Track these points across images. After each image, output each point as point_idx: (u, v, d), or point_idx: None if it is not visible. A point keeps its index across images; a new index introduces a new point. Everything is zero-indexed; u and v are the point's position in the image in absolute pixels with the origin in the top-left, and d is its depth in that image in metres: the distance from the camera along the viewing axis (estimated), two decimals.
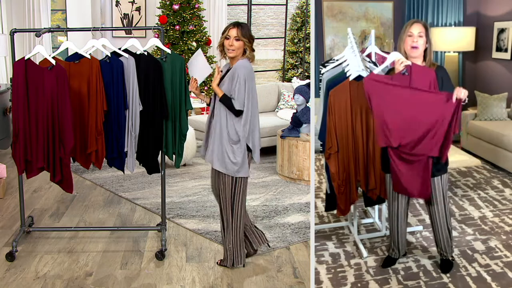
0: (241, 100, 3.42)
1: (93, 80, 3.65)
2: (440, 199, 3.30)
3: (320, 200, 4.36)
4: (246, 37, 3.43)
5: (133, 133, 3.77)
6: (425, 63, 3.23)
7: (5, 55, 7.04)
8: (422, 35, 3.18)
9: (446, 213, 3.33)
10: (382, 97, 3.15)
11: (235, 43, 3.41)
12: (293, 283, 3.53)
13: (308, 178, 5.56)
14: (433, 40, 3.23)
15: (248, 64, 3.48)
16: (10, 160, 5.98)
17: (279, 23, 12.05)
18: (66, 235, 4.22)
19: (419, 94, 3.11)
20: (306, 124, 5.75)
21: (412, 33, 3.19)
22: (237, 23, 3.45)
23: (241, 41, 3.42)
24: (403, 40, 3.23)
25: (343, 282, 3.33)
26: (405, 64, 3.16)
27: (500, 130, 5.22)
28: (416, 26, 3.19)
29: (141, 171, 5.49)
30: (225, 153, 3.49)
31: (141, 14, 8.54)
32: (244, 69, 3.44)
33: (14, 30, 3.86)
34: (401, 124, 3.13)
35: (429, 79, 3.15)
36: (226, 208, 3.59)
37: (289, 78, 9.81)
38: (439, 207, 3.31)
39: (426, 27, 3.19)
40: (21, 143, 3.67)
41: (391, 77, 3.19)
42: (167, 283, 3.51)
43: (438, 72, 3.19)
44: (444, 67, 3.25)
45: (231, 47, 3.42)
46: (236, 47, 3.42)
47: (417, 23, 3.21)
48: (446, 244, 3.39)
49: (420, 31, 3.17)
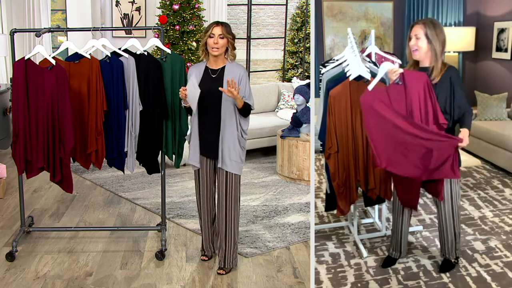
0: (252, 100, 3.52)
1: (93, 80, 3.65)
2: (447, 199, 3.26)
3: (320, 200, 4.37)
4: (230, 34, 3.47)
5: (133, 133, 3.77)
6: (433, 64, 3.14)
7: (5, 55, 7.03)
8: (419, 36, 3.12)
9: (454, 214, 3.29)
10: (377, 125, 3.07)
11: (220, 41, 3.43)
12: (293, 283, 3.53)
13: (308, 178, 5.56)
14: (437, 38, 3.10)
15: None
16: (10, 160, 5.98)
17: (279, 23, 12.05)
18: (66, 235, 4.23)
19: (415, 128, 3.01)
20: (306, 124, 5.75)
21: (411, 36, 3.16)
22: (219, 22, 3.49)
23: (225, 39, 3.44)
24: (407, 44, 3.21)
25: (343, 282, 3.33)
26: (398, 73, 3.08)
27: (500, 130, 5.22)
28: (414, 28, 3.14)
29: (141, 171, 5.49)
30: (239, 156, 3.51)
31: (141, 14, 8.54)
32: (243, 69, 3.52)
33: (14, 30, 3.86)
34: (392, 151, 3.06)
35: (423, 83, 3.08)
36: (231, 207, 3.56)
37: (289, 78, 9.81)
38: (445, 207, 3.28)
39: (426, 27, 3.11)
40: (21, 143, 3.67)
41: (387, 89, 3.12)
42: (167, 283, 3.51)
43: (448, 73, 3.12)
44: (455, 67, 3.18)
45: (216, 45, 3.42)
46: (221, 45, 3.43)
47: (416, 24, 3.15)
48: (450, 246, 3.37)
49: (417, 33, 3.12)
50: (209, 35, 3.43)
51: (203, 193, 3.67)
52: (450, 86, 3.12)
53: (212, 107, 3.47)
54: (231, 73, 3.46)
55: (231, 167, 3.50)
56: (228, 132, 3.46)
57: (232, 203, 3.56)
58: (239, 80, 3.46)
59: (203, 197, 3.67)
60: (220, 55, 3.48)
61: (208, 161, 3.59)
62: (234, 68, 3.50)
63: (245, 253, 3.89)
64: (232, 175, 3.52)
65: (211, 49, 3.45)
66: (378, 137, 3.08)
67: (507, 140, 5.03)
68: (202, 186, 3.65)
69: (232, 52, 3.52)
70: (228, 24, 3.53)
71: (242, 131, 3.52)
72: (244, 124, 3.53)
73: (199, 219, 3.78)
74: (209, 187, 3.65)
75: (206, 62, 3.57)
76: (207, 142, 3.54)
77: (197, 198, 3.73)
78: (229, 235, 3.60)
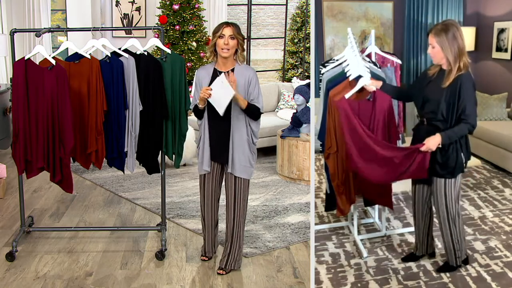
0: (262, 102, 3.45)
1: (93, 80, 3.65)
2: (441, 203, 3.23)
3: (320, 200, 4.37)
4: (240, 35, 3.41)
5: (133, 133, 3.77)
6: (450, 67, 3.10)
7: (5, 55, 7.04)
8: (434, 45, 3.07)
9: (449, 220, 3.24)
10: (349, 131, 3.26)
11: (231, 41, 3.35)
12: (293, 283, 3.53)
13: (308, 178, 5.56)
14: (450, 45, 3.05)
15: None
16: (10, 160, 5.98)
17: (279, 23, 12.06)
18: (66, 235, 4.23)
19: (378, 145, 3.21)
20: (306, 124, 5.75)
21: (428, 43, 3.13)
22: (229, 22, 3.43)
23: (236, 40, 3.37)
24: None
25: (343, 282, 3.33)
26: (371, 90, 3.29)
27: (500, 130, 5.21)
28: (429, 37, 3.10)
29: (141, 171, 5.49)
30: (248, 160, 3.47)
31: (141, 14, 8.54)
32: (253, 71, 3.46)
33: (14, 30, 3.86)
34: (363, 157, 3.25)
35: (386, 106, 3.31)
36: (239, 211, 3.55)
37: (289, 78, 9.81)
38: (439, 211, 3.26)
39: (436, 36, 3.05)
40: (21, 143, 3.67)
41: (358, 103, 3.29)
42: (167, 283, 3.51)
43: (458, 79, 3.05)
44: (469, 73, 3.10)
45: (227, 46, 3.34)
46: (231, 46, 3.36)
47: (430, 33, 3.09)
48: (449, 251, 3.34)
49: (431, 42, 3.08)
50: (219, 35, 3.34)
51: (208, 197, 3.63)
52: (456, 92, 3.06)
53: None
54: (241, 76, 3.40)
55: (240, 172, 3.46)
56: (237, 136, 3.42)
57: (240, 207, 3.54)
58: (248, 82, 3.40)
59: (208, 201, 3.64)
60: (229, 57, 3.40)
61: (216, 165, 3.56)
62: (244, 70, 3.42)
63: (245, 253, 3.89)
64: (241, 179, 3.49)
65: (221, 50, 3.36)
66: (351, 141, 3.24)
67: (507, 140, 5.02)
68: (208, 190, 3.61)
69: (242, 54, 3.44)
70: (238, 25, 3.45)
71: (253, 135, 3.46)
72: (255, 128, 3.46)
73: (202, 221, 3.75)
74: (215, 191, 3.63)
75: (214, 64, 3.49)
76: (217, 146, 3.49)
77: (201, 201, 3.69)
78: (235, 238, 3.59)
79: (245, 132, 3.43)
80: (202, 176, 3.61)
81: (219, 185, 3.64)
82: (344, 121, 3.25)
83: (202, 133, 3.52)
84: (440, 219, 3.28)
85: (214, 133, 3.48)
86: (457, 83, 3.05)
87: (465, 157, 3.19)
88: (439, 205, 3.25)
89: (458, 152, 3.15)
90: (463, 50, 3.05)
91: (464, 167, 3.21)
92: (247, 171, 3.49)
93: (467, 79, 3.06)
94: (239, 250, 3.63)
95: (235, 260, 3.63)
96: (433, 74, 3.19)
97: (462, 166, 3.18)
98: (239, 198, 3.52)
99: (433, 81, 3.17)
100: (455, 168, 3.16)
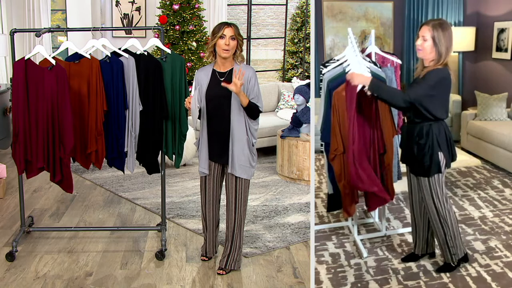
0: (261, 101, 3.45)
1: (93, 80, 3.65)
2: (429, 202, 3.25)
3: (320, 200, 4.37)
4: (240, 36, 3.42)
5: (133, 133, 3.77)
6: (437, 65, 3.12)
7: (5, 55, 7.04)
8: (426, 38, 3.09)
9: (440, 219, 3.25)
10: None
11: (231, 42, 3.35)
12: (293, 283, 3.53)
13: (308, 178, 5.56)
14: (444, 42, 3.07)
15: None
16: (10, 160, 5.98)
17: (279, 23, 12.06)
18: (66, 235, 4.22)
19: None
20: (306, 124, 5.75)
21: (419, 35, 3.14)
22: (228, 23, 3.42)
23: (236, 40, 3.38)
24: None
25: (343, 282, 3.33)
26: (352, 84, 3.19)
27: (500, 130, 5.22)
28: (423, 28, 3.12)
29: (141, 171, 5.49)
30: (248, 161, 3.47)
31: (141, 14, 8.54)
32: (252, 70, 3.46)
33: (14, 30, 3.86)
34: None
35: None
36: (240, 212, 3.54)
37: (289, 78, 9.81)
38: (430, 211, 3.27)
39: (434, 30, 3.07)
40: (21, 143, 3.67)
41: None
42: (167, 283, 3.51)
43: (432, 72, 3.09)
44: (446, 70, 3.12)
45: (227, 47, 3.34)
46: (232, 47, 3.36)
47: (425, 25, 3.11)
48: (444, 249, 3.34)
49: (424, 34, 3.10)
50: (220, 36, 3.33)
51: (209, 198, 3.63)
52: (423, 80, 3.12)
53: (221, 111, 3.41)
54: (244, 75, 3.39)
55: (240, 172, 3.46)
56: (237, 136, 3.41)
57: (241, 208, 3.54)
58: (248, 81, 3.40)
59: (209, 202, 3.64)
60: (229, 57, 3.40)
61: (216, 166, 3.56)
62: (243, 70, 3.41)
63: (245, 253, 3.89)
64: (242, 179, 3.49)
65: (221, 51, 3.35)
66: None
67: (507, 140, 5.03)
68: (209, 191, 3.61)
69: (241, 54, 3.44)
70: (237, 26, 3.45)
71: (252, 135, 3.46)
72: (253, 127, 3.45)
73: (203, 222, 3.74)
74: (215, 192, 3.62)
75: (213, 65, 3.49)
76: (217, 147, 3.48)
77: (202, 202, 3.68)
78: (235, 238, 3.59)
79: (245, 132, 3.43)
80: (202, 176, 3.61)
81: (219, 186, 3.63)
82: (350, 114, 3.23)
83: (201, 133, 3.53)
84: (432, 219, 3.29)
85: (212, 133, 3.48)
86: (428, 74, 3.09)
87: (446, 157, 3.18)
88: (428, 205, 3.27)
89: (435, 151, 3.14)
90: (450, 51, 3.12)
91: (447, 167, 3.21)
92: (247, 171, 3.48)
93: (439, 71, 3.08)
94: (239, 250, 3.63)
95: (235, 260, 3.63)
96: (418, 75, 3.23)
97: (439, 166, 3.16)
98: (239, 198, 3.52)
99: (416, 80, 3.24)
100: (431, 166, 3.16)
